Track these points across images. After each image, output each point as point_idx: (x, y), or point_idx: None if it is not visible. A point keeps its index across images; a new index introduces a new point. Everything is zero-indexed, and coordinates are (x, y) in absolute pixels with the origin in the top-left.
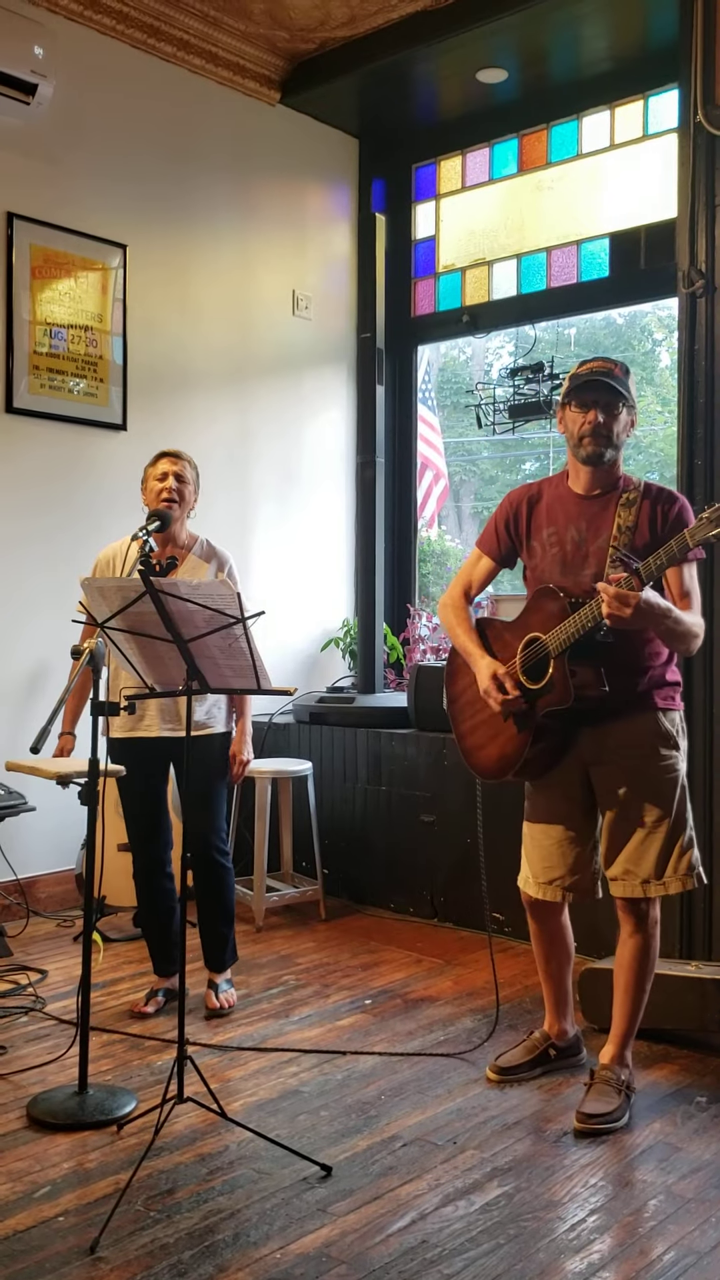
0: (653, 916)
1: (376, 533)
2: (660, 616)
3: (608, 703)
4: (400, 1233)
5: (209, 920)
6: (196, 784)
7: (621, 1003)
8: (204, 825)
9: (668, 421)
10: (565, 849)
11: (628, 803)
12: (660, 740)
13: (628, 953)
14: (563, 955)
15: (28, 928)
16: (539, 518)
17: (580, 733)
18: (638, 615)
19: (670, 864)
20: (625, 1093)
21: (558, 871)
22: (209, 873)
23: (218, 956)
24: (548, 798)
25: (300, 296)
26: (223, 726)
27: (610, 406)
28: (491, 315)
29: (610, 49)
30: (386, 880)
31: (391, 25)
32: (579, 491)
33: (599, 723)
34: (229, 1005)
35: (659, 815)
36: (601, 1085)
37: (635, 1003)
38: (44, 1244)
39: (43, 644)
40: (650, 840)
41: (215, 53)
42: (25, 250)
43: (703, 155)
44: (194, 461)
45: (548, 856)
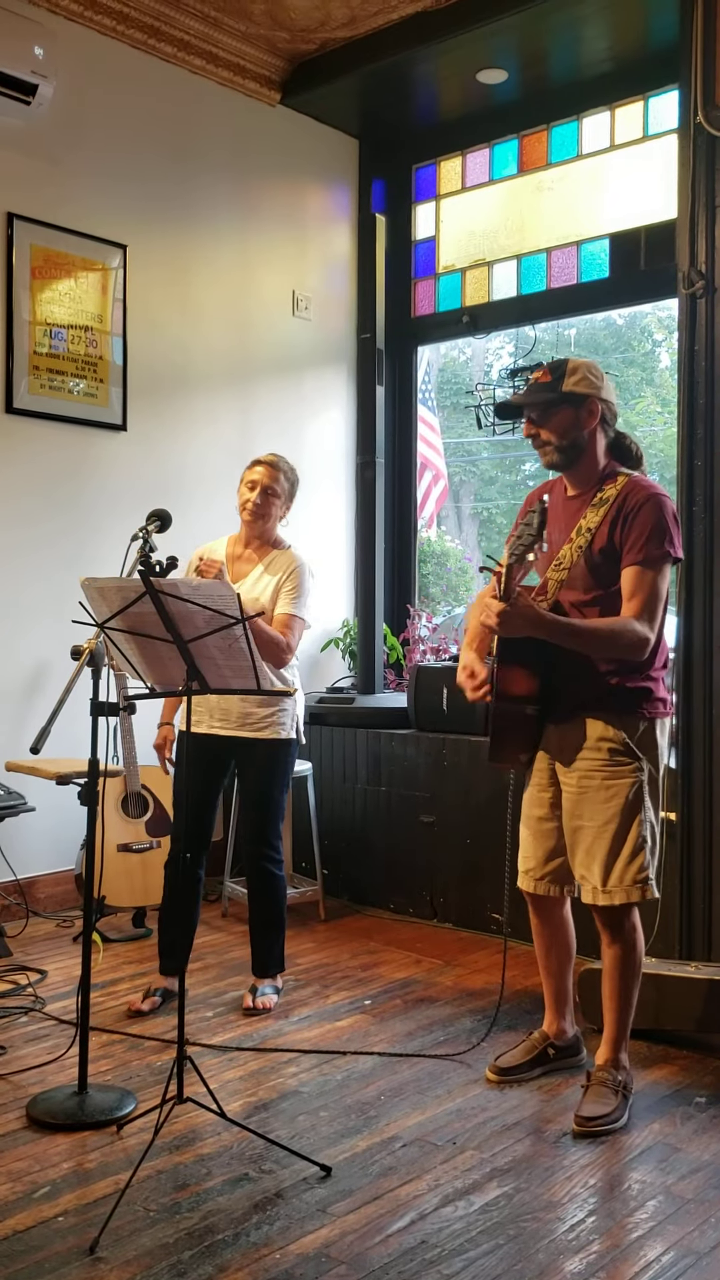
0: (628, 925)
1: (376, 533)
2: (547, 628)
3: (557, 704)
4: (400, 1233)
5: (259, 925)
6: (253, 788)
7: (610, 1008)
8: (257, 830)
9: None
10: (539, 841)
11: (579, 805)
12: (612, 747)
13: (609, 961)
14: (561, 952)
15: (27, 928)
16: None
17: (547, 728)
18: (507, 625)
19: (615, 873)
20: (622, 1093)
21: (531, 863)
22: (262, 879)
23: (260, 960)
24: (527, 791)
25: (300, 297)
26: (288, 733)
27: (534, 417)
28: (491, 316)
29: (610, 50)
30: (386, 881)
31: (392, 26)
32: (568, 492)
33: (561, 721)
34: (265, 1008)
35: (603, 823)
36: (598, 1087)
37: (623, 1007)
38: (44, 1244)
39: (43, 644)
40: (596, 846)
41: (215, 53)
42: (25, 250)
43: (703, 156)
44: (291, 469)
45: (525, 847)
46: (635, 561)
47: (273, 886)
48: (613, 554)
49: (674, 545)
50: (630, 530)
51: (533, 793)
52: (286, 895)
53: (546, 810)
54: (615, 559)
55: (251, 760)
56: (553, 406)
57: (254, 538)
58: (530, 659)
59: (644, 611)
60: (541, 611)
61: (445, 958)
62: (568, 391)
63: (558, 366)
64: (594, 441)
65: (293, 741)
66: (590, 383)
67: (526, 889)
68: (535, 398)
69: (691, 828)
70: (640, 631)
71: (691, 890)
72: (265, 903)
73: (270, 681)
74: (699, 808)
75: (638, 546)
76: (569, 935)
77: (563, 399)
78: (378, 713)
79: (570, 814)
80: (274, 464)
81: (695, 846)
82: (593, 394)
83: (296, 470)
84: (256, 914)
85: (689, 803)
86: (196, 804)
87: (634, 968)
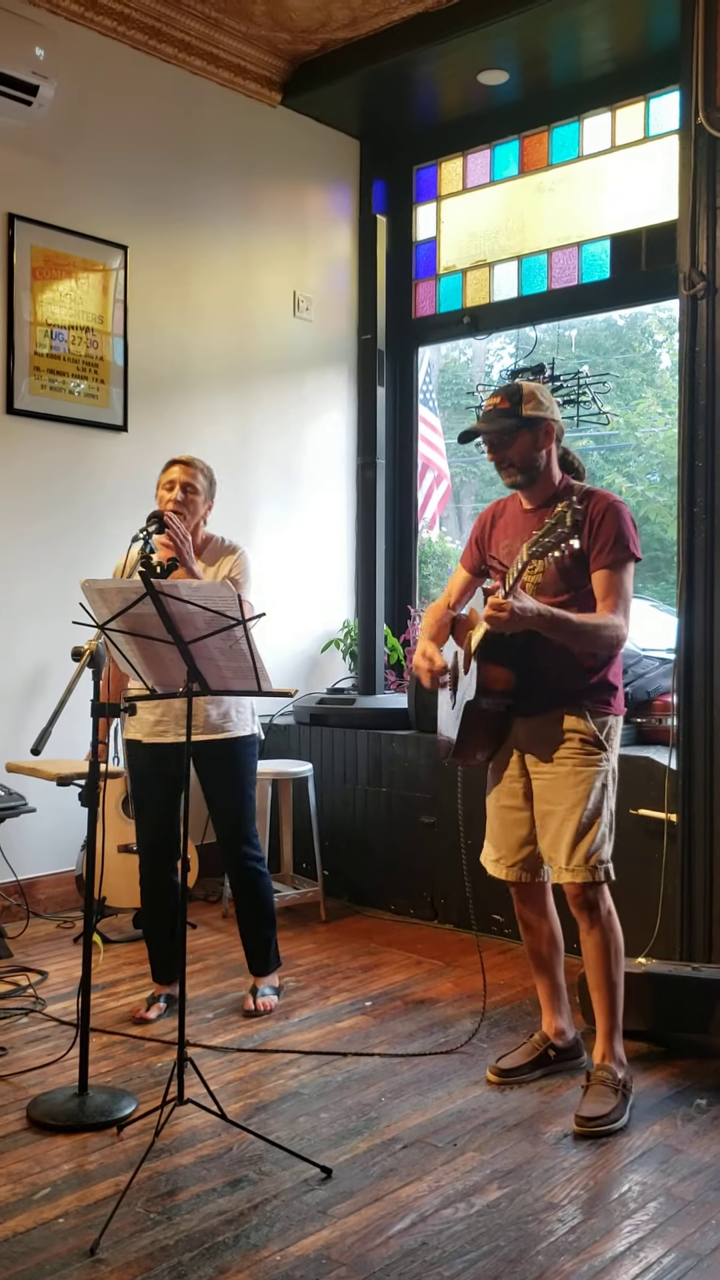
0: (603, 908)
1: (377, 534)
2: (544, 621)
3: (531, 700)
4: (400, 1234)
5: (249, 924)
6: (223, 788)
7: (598, 1000)
8: (234, 829)
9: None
10: (509, 829)
11: (549, 790)
12: (584, 739)
13: (590, 949)
14: (548, 947)
15: (28, 929)
16: (499, 531)
17: (516, 722)
18: (515, 621)
19: (579, 853)
20: (622, 1092)
21: (502, 850)
22: (244, 877)
23: (259, 960)
24: (495, 779)
25: (301, 298)
26: (245, 730)
27: (497, 442)
28: (492, 317)
29: (611, 51)
30: (386, 882)
31: (393, 27)
32: (525, 506)
33: (530, 715)
34: (266, 1010)
35: (571, 806)
36: (597, 1086)
37: (611, 997)
38: (44, 1246)
39: (43, 645)
40: (564, 828)
41: (216, 54)
42: (26, 251)
43: (704, 157)
44: (207, 467)
45: (493, 835)
46: (605, 565)
47: (258, 883)
48: (582, 559)
49: (635, 546)
50: (597, 537)
51: (504, 785)
52: (273, 889)
53: (519, 800)
54: (584, 563)
55: (214, 762)
56: (511, 432)
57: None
58: (510, 656)
59: (619, 608)
60: (544, 606)
61: (445, 959)
62: (527, 416)
63: (513, 393)
64: (550, 459)
65: (254, 737)
66: (543, 406)
67: (497, 875)
68: (497, 425)
69: (692, 828)
70: (619, 625)
71: (692, 890)
72: (253, 901)
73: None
74: (699, 808)
75: (606, 550)
76: (554, 927)
77: (521, 424)
78: (378, 714)
79: (540, 799)
80: (189, 462)
81: (695, 846)
82: (547, 416)
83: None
84: (245, 913)
85: (689, 803)
86: (161, 813)
87: (615, 951)
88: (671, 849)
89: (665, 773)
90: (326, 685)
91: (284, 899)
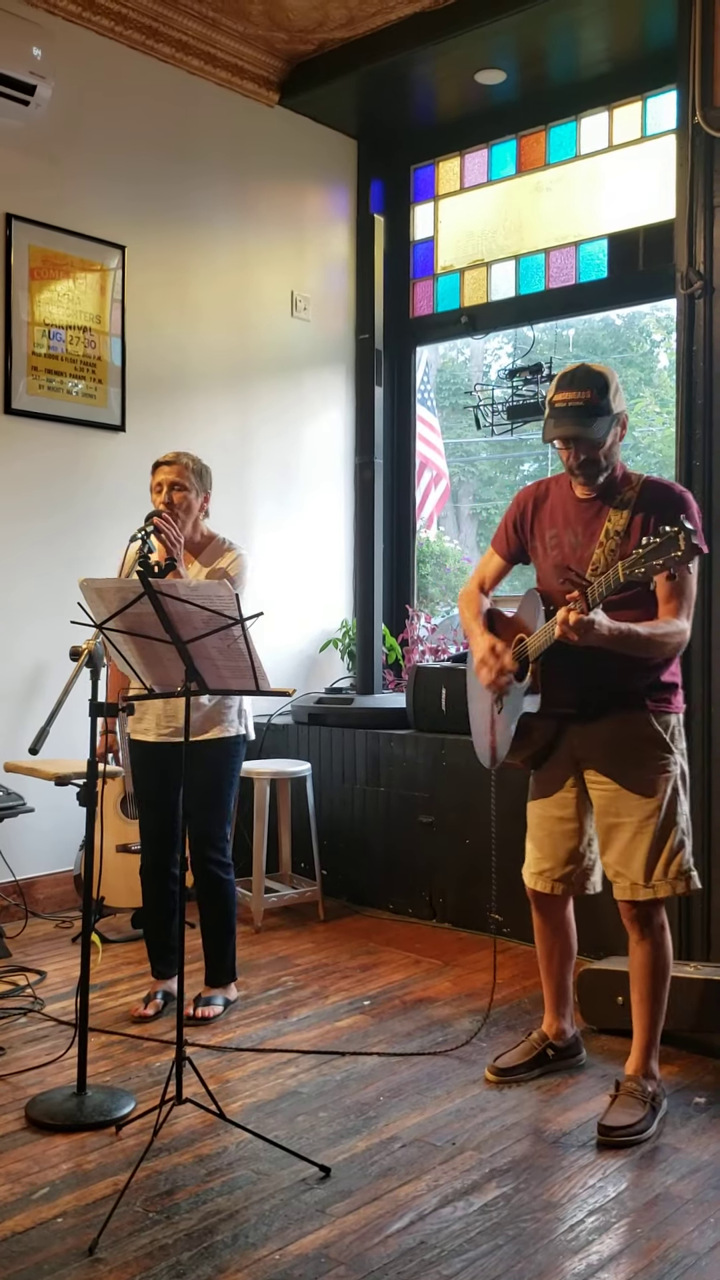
0: (657, 921)
1: (375, 534)
2: (615, 639)
3: (589, 705)
4: (399, 1234)
5: (206, 930)
6: (198, 790)
7: (639, 1013)
8: (201, 833)
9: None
10: (557, 841)
11: (615, 803)
12: (649, 742)
13: (638, 961)
14: (563, 952)
15: (26, 929)
16: (543, 519)
17: (571, 730)
18: (588, 638)
19: (659, 867)
20: (651, 1104)
21: (548, 863)
22: (205, 883)
23: (211, 968)
24: (544, 790)
25: (299, 297)
26: (227, 732)
27: (586, 443)
28: (490, 316)
29: (609, 50)
30: (385, 881)
31: (390, 26)
32: (579, 495)
33: (588, 722)
34: (202, 1018)
35: (645, 816)
36: (625, 1097)
37: (653, 1011)
38: (42, 1245)
39: (41, 645)
40: (637, 842)
41: (214, 54)
42: (24, 251)
43: (701, 156)
44: (196, 461)
45: (541, 847)
46: None
47: (220, 892)
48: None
49: (702, 540)
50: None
51: (555, 795)
52: (235, 900)
53: (570, 811)
54: None
55: (197, 764)
56: (608, 430)
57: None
58: (572, 666)
59: (683, 610)
60: (617, 624)
61: (444, 958)
62: (617, 413)
63: (598, 381)
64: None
65: (240, 738)
66: (620, 398)
67: (540, 889)
68: (596, 426)
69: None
70: (686, 630)
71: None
72: (213, 909)
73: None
74: (699, 808)
75: None
76: (571, 935)
77: (614, 420)
78: (376, 713)
79: (605, 812)
80: (174, 460)
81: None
82: (624, 409)
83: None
84: (205, 921)
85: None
86: (159, 809)
87: (663, 967)
88: None
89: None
90: (325, 685)
91: (282, 899)
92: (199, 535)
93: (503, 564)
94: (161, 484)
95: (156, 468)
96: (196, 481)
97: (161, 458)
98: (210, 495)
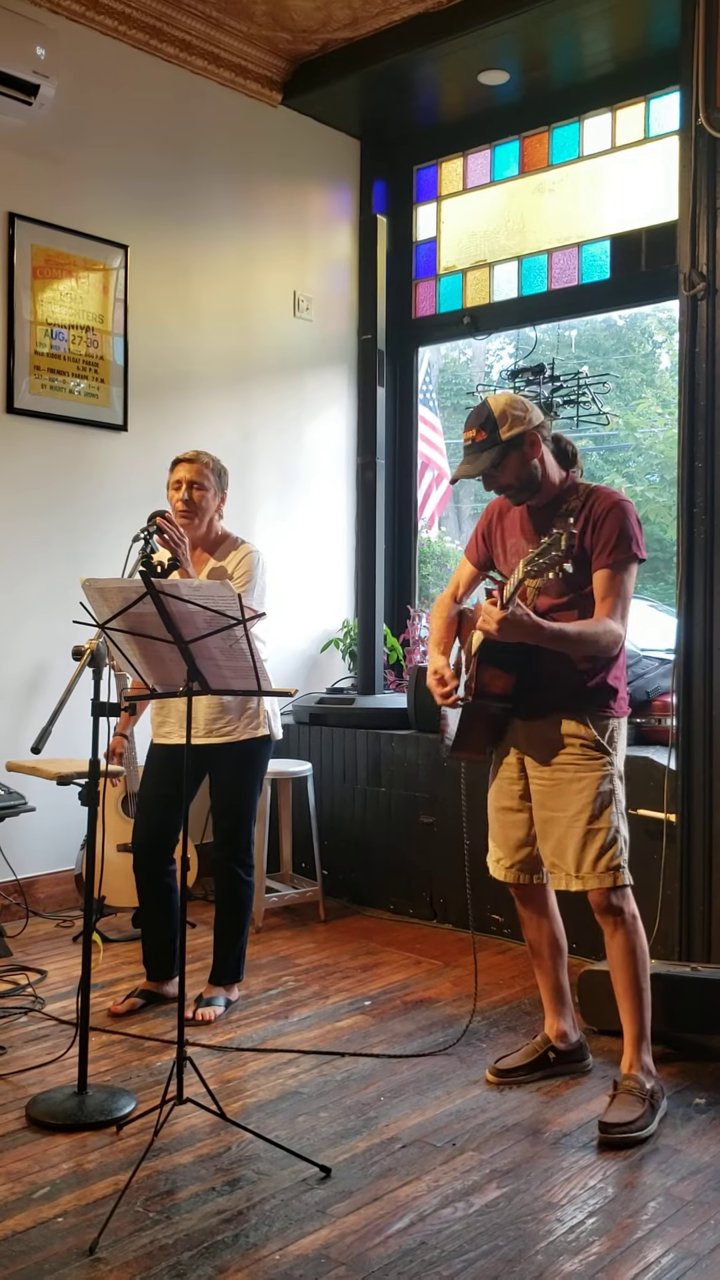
0: (627, 911)
1: (377, 534)
2: (544, 636)
3: (525, 703)
4: (399, 1234)
5: (219, 930)
6: (224, 793)
7: (624, 1007)
8: (228, 835)
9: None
10: (507, 831)
11: (550, 797)
12: (585, 744)
13: (615, 953)
14: (551, 947)
15: (27, 928)
16: (504, 528)
17: (515, 724)
18: (506, 632)
19: (588, 862)
20: (650, 1101)
21: (501, 852)
22: (228, 884)
23: (218, 968)
24: (495, 782)
25: (301, 298)
26: (256, 731)
27: (490, 474)
28: (492, 317)
29: (612, 51)
30: (386, 881)
31: (393, 27)
32: (530, 505)
33: (530, 718)
34: (203, 1020)
35: (576, 812)
36: (624, 1096)
37: (637, 1003)
38: (43, 1245)
39: (43, 644)
40: (569, 836)
41: (217, 54)
42: (26, 250)
43: (704, 158)
44: (216, 462)
45: (494, 837)
46: (605, 565)
47: (241, 894)
48: (583, 559)
49: (639, 547)
50: (599, 537)
51: (501, 785)
52: (252, 901)
53: (516, 801)
54: (586, 563)
55: (222, 766)
56: (500, 461)
57: (195, 542)
58: (509, 660)
59: (617, 611)
60: (536, 619)
61: (445, 958)
62: (507, 439)
63: (486, 421)
64: (544, 464)
65: (266, 739)
66: (520, 419)
67: (499, 877)
68: (482, 462)
69: (691, 828)
70: (616, 630)
71: (691, 891)
72: (231, 909)
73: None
74: (699, 808)
75: (607, 551)
76: (555, 927)
77: (506, 448)
78: (377, 713)
79: (541, 805)
80: (194, 459)
81: (695, 847)
82: (528, 428)
83: (221, 461)
84: (220, 920)
85: (689, 803)
86: (162, 810)
87: (640, 955)
88: (671, 849)
89: (665, 773)
90: (326, 685)
91: (283, 898)
92: (213, 534)
93: (474, 571)
94: (180, 482)
95: (176, 465)
96: (215, 481)
97: (182, 455)
98: (226, 496)
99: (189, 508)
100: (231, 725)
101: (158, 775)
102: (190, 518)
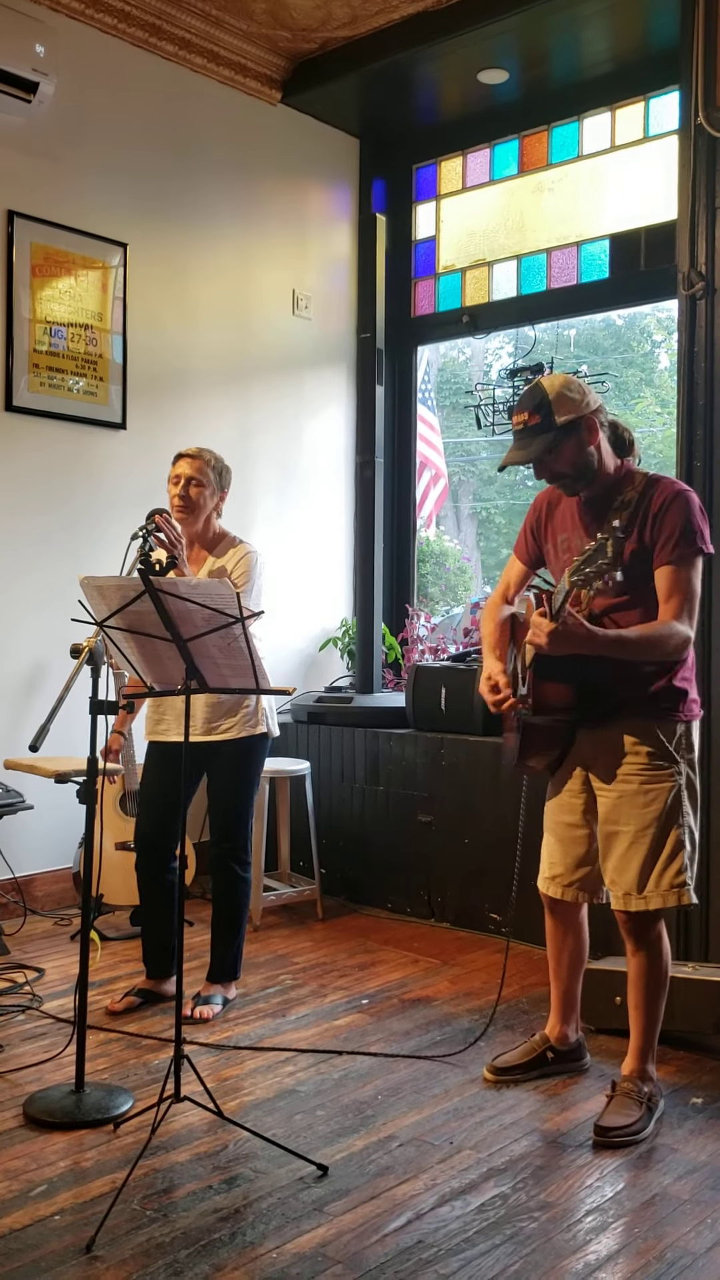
0: (654, 933)
1: (375, 533)
2: (602, 645)
3: (590, 711)
4: (396, 1233)
5: (216, 927)
6: (222, 790)
7: (635, 1018)
8: (225, 832)
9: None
10: (567, 847)
11: (615, 810)
12: (653, 751)
13: (634, 970)
14: (573, 958)
15: (25, 926)
16: (555, 522)
17: (580, 735)
18: (557, 645)
19: (652, 878)
20: (647, 1105)
21: (559, 869)
22: (225, 880)
23: (216, 965)
24: (556, 796)
25: (300, 296)
26: (254, 728)
27: (543, 460)
28: (491, 316)
29: (611, 50)
30: (384, 880)
31: (393, 26)
32: (584, 496)
33: (594, 727)
34: (200, 1018)
35: (642, 826)
36: (621, 1098)
37: (650, 1018)
38: (40, 1243)
39: (41, 642)
40: (633, 851)
41: (217, 52)
42: (25, 248)
43: (703, 157)
44: (218, 459)
45: (552, 853)
46: (668, 561)
47: (238, 890)
48: (643, 555)
49: (704, 540)
50: (660, 530)
51: (563, 799)
52: (249, 899)
53: (578, 817)
54: (646, 559)
55: (220, 764)
56: (554, 446)
57: (192, 539)
58: (567, 671)
59: (683, 611)
60: (590, 628)
61: (443, 957)
62: (563, 424)
63: (540, 404)
64: (601, 452)
65: (264, 736)
66: (576, 404)
67: (551, 894)
68: (537, 449)
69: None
70: (683, 632)
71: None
72: (229, 906)
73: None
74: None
75: (669, 546)
76: (583, 941)
77: (561, 434)
78: (376, 712)
79: (606, 819)
80: (195, 454)
81: None
82: (585, 412)
83: (224, 459)
84: (218, 917)
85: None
86: (163, 808)
87: (660, 977)
88: None
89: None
90: (324, 684)
91: (281, 897)
92: (210, 533)
93: (525, 570)
94: (179, 477)
95: (177, 459)
96: (215, 479)
97: (185, 450)
98: (227, 495)
99: (185, 503)
100: (229, 723)
101: (158, 774)
102: (186, 513)
